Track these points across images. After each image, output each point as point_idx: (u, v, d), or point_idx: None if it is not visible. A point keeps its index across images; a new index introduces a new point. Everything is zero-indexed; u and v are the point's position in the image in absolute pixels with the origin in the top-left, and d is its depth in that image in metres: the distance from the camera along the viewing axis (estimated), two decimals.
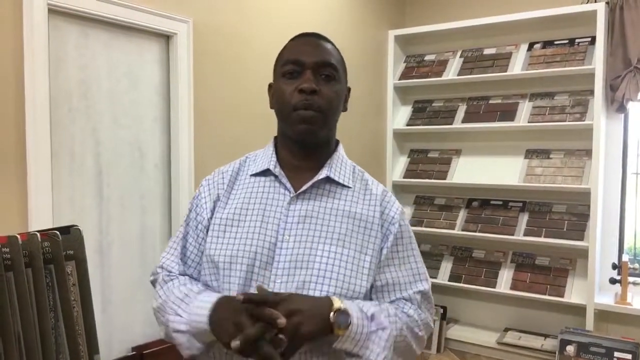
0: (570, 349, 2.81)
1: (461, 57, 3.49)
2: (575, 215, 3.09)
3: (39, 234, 1.12)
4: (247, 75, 2.54)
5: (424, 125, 3.57)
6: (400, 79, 3.65)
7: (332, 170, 1.17)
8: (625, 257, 3.00)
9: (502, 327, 3.32)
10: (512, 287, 3.16)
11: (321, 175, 1.15)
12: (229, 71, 2.49)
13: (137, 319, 2.18)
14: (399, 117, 3.71)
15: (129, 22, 2.07)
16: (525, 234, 3.15)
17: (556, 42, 3.20)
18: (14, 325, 1.05)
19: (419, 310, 1.16)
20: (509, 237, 3.18)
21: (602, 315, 2.99)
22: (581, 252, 3.02)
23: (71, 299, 1.16)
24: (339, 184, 1.17)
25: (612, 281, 2.95)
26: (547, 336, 3.14)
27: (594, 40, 3.01)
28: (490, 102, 3.41)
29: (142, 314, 2.17)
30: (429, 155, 3.63)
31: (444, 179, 3.44)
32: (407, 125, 3.64)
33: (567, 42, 3.17)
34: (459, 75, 3.41)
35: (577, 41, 3.13)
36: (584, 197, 3.02)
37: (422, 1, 3.74)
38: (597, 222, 2.95)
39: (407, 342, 1.12)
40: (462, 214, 3.42)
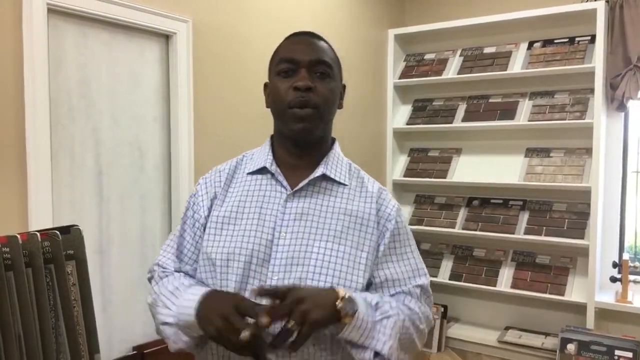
0: (571, 348, 2.81)
1: (461, 56, 3.49)
2: (575, 213, 3.09)
3: (39, 233, 1.12)
4: (247, 74, 2.54)
5: (424, 124, 3.56)
6: (400, 78, 3.65)
7: (328, 167, 1.17)
8: (625, 256, 2.99)
9: (503, 326, 3.32)
10: (512, 286, 3.16)
11: (317, 173, 1.16)
12: (229, 71, 2.49)
13: (137, 318, 2.18)
14: (399, 116, 3.70)
15: (128, 22, 2.07)
16: (525, 233, 3.14)
17: (556, 41, 3.19)
18: (14, 325, 1.05)
19: (419, 303, 1.17)
20: (510, 235, 3.18)
21: (603, 313, 2.99)
22: (582, 251, 3.02)
23: (71, 298, 1.16)
24: (335, 182, 1.18)
25: (613, 279, 2.95)
26: (547, 335, 3.13)
27: (593, 38, 3.01)
28: (490, 100, 3.40)
29: (142, 314, 2.17)
30: (429, 154, 3.63)
31: (444, 177, 3.44)
32: (407, 124, 3.64)
33: (567, 40, 3.16)
34: (459, 74, 3.41)
35: (577, 40, 3.13)
36: (584, 195, 3.01)
37: (422, 0, 3.74)
38: (598, 221, 2.94)
39: (409, 335, 1.12)
40: (462, 213, 3.42)
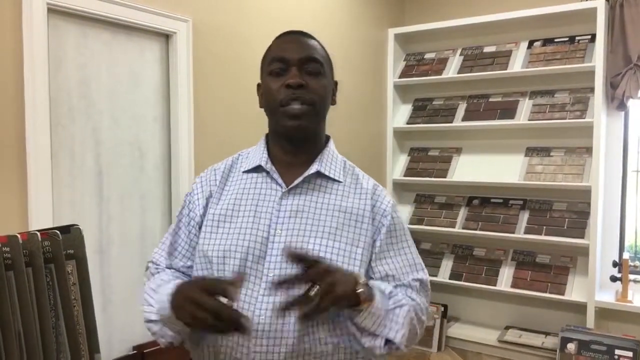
0: (571, 347, 2.81)
1: (461, 55, 3.49)
2: (575, 213, 3.08)
3: (39, 233, 1.12)
4: (247, 74, 2.54)
5: (424, 123, 3.56)
6: (400, 77, 3.65)
7: (323, 165, 1.18)
8: (625, 255, 2.99)
9: (503, 325, 3.32)
10: (512, 285, 3.16)
11: (312, 170, 1.17)
12: (229, 71, 2.49)
13: (137, 318, 2.16)
14: (399, 115, 3.70)
15: (128, 22, 2.07)
16: (525, 232, 3.14)
17: (556, 40, 3.19)
18: (15, 324, 1.05)
19: (419, 295, 1.18)
20: (510, 235, 3.18)
21: (603, 313, 2.99)
22: (582, 250, 3.02)
23: (72, 298, 1.17)
24: (329, 179, 1.19)
25: (613, 279, 2.94)
26: (547, 334, 3.13)
27: (594, 37, 3.01)
28: (490, 100, 3.40)
29: (142, 313, 2.17)
30: (429, 153, 3.63)
31: (445, 177, 3.44)
32: (407, 123, 3.64)
33: (567, 39, 3.16)
34: (459, 73, 3.41)
35: (577, 39, 3.13)
36: (585, 194, 3.01)
37: None
38: (598, 220, 2.94)
39: (414, 325, 1.13)
40: (462, 212, 3.42)
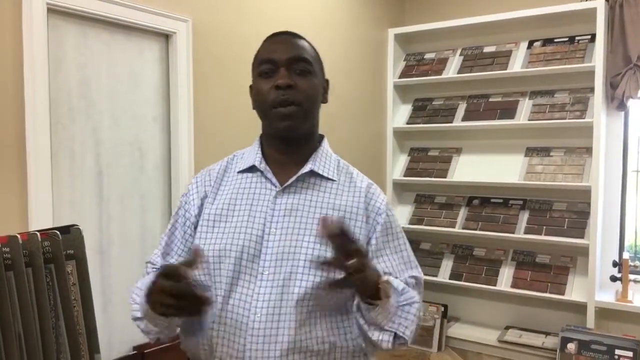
0: (571, 347, 2.81)
1: (461, 55, 3.49)
2: (575, 213, 3.08)
3: (39, 233, 1.12)
4: (247, 74, 2.49)
5: (424, 123, 3.56)
6: (400, 78, 3.65)
7: (316, 163, 1.19)
8: (625, 255, 2.99)
9: (503, 325, 3.32)
10: (512, 285, 3.16)
11: (305, 169, 1.18)
12: (229, 70, 2.49)
13: None
14: (399, 115, 3.70)
15: (128, 22, 2.07)
16: (525, 232, 3.14)
17: (556, 40, 3.19)
18: (15, 324, 1.05)
19: (415, 292, 1.19)
20: (510, 235, 3.18)
21: (603, 312, 2.98)
22: (582, 250, 3.02)
23: (72, 298, 1.17)
24: (323, 177, 1.20)
25: (613, 279, 2.94)
26: (548, 334, 3.13)
27: (593, 37, 3.01)
28: (490, 100, 3.40)
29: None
30: (429, 153, 3.63)
31: (445, 177, 3.44)
32: (407, 123, 3.63)
33: (567, 39, 3.16)
34: (459, 73, 3.41)
35: (577, 39, 3.13)
36: (585, 194, 3.01)
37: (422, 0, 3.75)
38: (598, 220, 2.94)
39: (419, 321, 1.15)
40: (462, 212, 3.41)
